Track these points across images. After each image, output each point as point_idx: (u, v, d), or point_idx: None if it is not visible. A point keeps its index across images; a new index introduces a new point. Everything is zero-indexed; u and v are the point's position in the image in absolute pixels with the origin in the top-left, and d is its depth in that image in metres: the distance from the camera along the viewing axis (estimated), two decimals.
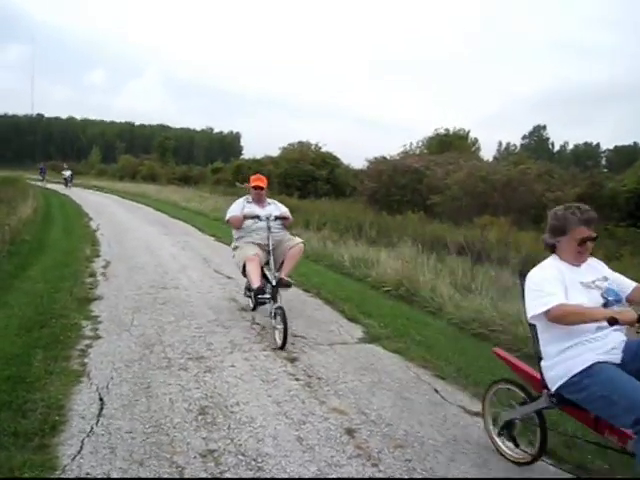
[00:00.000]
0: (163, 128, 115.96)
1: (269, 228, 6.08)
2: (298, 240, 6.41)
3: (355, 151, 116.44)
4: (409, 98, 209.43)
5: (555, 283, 2.92)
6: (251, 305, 6.55)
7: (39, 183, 38.13)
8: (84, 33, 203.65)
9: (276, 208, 6.55)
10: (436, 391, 4.49)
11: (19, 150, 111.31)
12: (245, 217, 6.18)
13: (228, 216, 6.42)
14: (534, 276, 3.06)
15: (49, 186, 37.70)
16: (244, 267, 6.02)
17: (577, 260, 3.05)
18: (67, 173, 38.64)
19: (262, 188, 6.48)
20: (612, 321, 2.65)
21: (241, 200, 6.59)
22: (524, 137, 67.87)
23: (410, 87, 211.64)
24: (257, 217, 6.15)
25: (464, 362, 5.16)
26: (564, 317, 2.80)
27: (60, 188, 35.96)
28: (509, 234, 11.39)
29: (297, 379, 4.54)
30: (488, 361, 5.26)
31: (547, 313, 2.84)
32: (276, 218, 6.24)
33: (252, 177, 6.67)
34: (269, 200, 6.70)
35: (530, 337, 3.26)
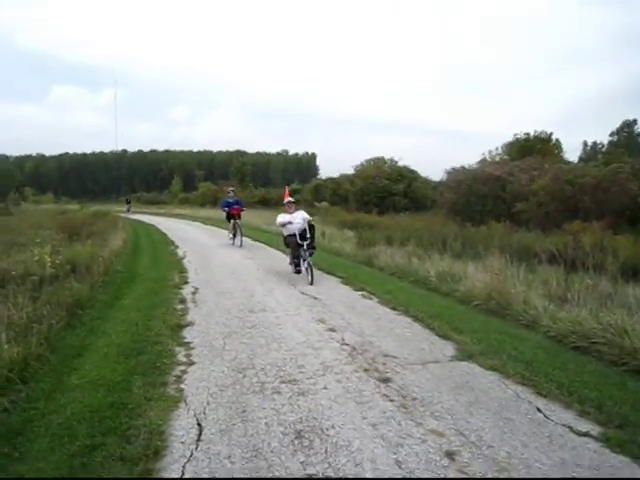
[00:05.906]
0: (240, 154, 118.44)
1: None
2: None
3: (432, 163, 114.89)
4: (480, 105, 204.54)
5: None
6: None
7: (229, 241, 17.84)
8: (166, 74, 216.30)
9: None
10: (538, 410, 4.28)
11: (106, 184, 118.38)
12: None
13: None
14: None
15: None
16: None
17: None
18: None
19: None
20: None
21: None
22: (612, 134, 64.02)
23: (479, 93, 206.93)
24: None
25: (566, 378, 4.90)
26: None
27: (148, 219, 33.49)
28: (604, 239, 10.77)
29: (391, 400, 4.47)
30: (593, 376, 4.99)
31: None
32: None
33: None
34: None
35: None
